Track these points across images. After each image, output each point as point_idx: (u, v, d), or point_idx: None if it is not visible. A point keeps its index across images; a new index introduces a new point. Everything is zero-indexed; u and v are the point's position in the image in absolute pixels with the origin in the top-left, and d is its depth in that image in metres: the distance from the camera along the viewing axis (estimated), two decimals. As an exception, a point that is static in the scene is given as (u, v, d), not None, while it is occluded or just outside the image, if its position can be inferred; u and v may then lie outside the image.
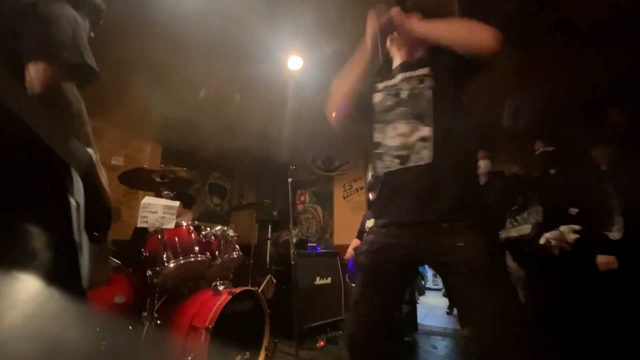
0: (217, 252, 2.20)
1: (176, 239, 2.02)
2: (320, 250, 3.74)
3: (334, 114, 1.25)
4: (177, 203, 1.60)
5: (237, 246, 2.38)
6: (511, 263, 2.01)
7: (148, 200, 1.48)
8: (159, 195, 1.89)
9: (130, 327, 1.81)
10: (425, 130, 1.01)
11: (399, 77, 1.11)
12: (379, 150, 1.11)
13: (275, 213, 4.32)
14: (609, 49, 2.18)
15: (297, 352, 2.28)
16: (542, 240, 1.77)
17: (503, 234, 2.04)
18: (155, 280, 1.83)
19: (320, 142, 4.02)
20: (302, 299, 3.19)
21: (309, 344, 2.92)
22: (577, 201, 1.77)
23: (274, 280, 3.56)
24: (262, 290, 3.29)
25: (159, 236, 1.82)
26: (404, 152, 1.03)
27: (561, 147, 1.99)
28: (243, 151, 4.24)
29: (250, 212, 4.36)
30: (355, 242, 2.91)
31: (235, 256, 2.32)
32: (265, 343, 2.17)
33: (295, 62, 2.41)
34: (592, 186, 1.75)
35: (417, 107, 1.04)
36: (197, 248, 2.06)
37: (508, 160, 2.91)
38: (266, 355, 2.14)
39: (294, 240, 3.85)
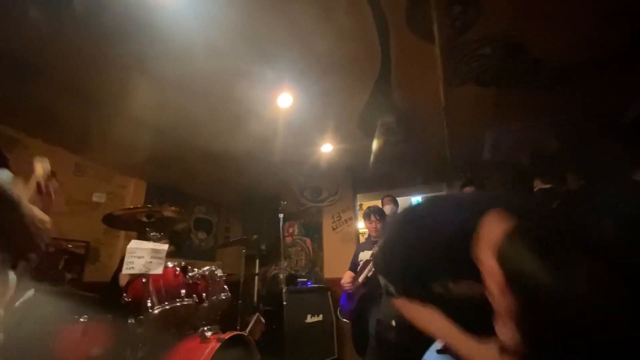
0: (204, 294, 2.09)
1: (161, 281, 1.90)
2: (310, 285, 3.63)
3: None
4: (165, 246, 1.53)
5: (225, 287, 2.28)
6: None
7: (135, 244, 1.41)
8: (142, 236, 1.81)
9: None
10: None
11: None
12: None
13: (263, 247, 4.22)
14: (572, 90, 2.39)
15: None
16: None
17: None
18: (138, 330, 1.70)
19: (308, 173, 4.04)
20: (293, 339, 3.04)
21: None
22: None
23: (262, 320, 3.39)
24: (249, 331, 3.12)
25: (143, 280, 1.72)
26: None
27: (557, 184, 2.07)
28: (229, 184, 4.20)
29: (238, 247, 4.25)
30: (349, 275, 2.83)
31: (224, 297, 2.21)
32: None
33: (285, 100, 2.47)
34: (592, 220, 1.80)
35: None
36: (183, 291, 1.95)
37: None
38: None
39: (283, 276, 3.75)
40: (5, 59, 1.90)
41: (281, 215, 2.54)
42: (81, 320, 1.77)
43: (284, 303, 3.14)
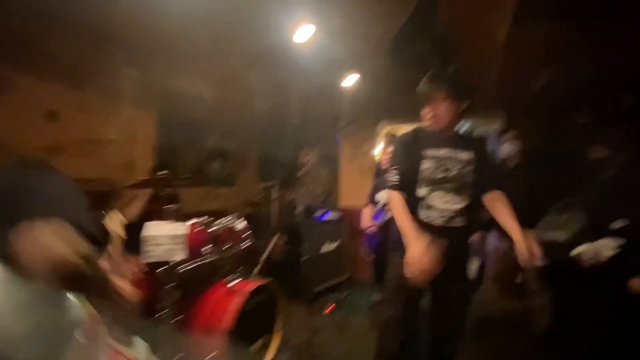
0: (228, 245, 2.18)
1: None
2: (327, 217, 3.77)
3: None
4: (183, 230, 1.49)
5: (246, 235, 2.35)
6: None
7: (150, 231, 1.37)
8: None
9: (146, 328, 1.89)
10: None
11: (445, 151, 1.45)
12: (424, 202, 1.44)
13: (280, 173, 4.25)
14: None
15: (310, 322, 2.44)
16: (574, 252, 1.70)
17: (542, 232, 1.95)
18: (167, 284, 1.84)
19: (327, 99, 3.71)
20: (309, 265, 3.33)
21: (317, 308, 3.13)
22: (626, 214, 1.64)
23: (282, 241, 3.67)
24: (270, 251, 3.42)
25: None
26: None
27: (616, 150, 1.78)
28: (245, 110, 3.95)
29: (254, 172, 4.28)
30: (368, 212, 2.84)
31: (246, 246, 2.31)
32: (279, 326, 2.30)
33: (304, 31, 2.03)
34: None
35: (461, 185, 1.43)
36: (208, 246, 2.02)
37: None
38: (281, 337, 2.30)
39: (301, 207, 3.86)
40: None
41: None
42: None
43: (301, 233, 3.36)
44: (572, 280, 1.82)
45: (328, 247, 3.56)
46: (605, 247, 1.56)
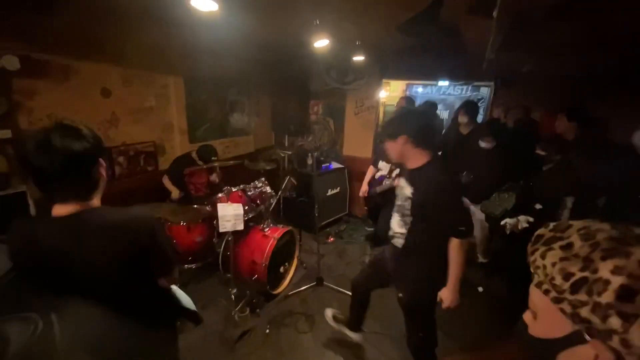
0: (260, 204, 2.94)
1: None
2: (332, 167, 4.45)
3: None
4: (241, 210, 2.19)
5: (272, 195, 3.09)
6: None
7: (222, 212, 2.08)
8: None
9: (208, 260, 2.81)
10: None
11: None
12: None
13: (291, 127, 4.77)
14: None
15: (318, 250, 3.37)
16: (502, 222, 2.48)
17: (484, 206, 2.72)
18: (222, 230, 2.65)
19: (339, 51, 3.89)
20: (317, 206, 4.17)
21: (323, 238, 4.09)
22: (542, 199, 2.35)
23: (293, 181, 4.43)
24: (283, 189, 4.23)
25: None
26: None
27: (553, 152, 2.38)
28: (259, 64, 4.22)
29: (268, 122, 4.79)
30: (371, 171, 3.35)
31: (272, 203, 3.07)
32: (296, 255, 3.25)
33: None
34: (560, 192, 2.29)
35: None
36: (247, 207, 2.78)
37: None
38: (298, 261, 3.26)
39: (310, 161, 4.48)
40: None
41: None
42: (183, 223, 2.73)
43: (312, 182, 4.09)
44: (505, 237, 2.65)
45: (332, 191, 4.36)
46: (522, 221, 2.32)
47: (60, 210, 0.90)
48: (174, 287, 1.22)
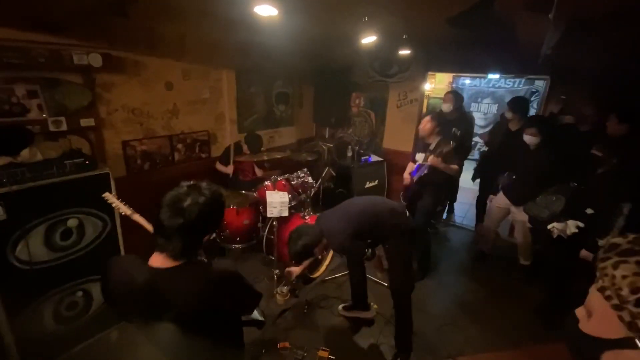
0: (301, 192, 3.11)
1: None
2: (371, 160, 4.50)
3: None
4: (287, 198, 2.37)
5: (312, 185, 3.25)
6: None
7: (270, 198, 2.27)
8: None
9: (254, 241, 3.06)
10: None
11: None
12: None
13: (332, 120, 4.87)
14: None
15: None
16: (549, 226, 2.40)
17: (528, 208, 2.65)
18: (270, 216, 2.87)
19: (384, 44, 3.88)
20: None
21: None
22: (595, 204, 2.24)
23: (332, 172, 4.57)
24: (322, 178, 4.38)
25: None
26: None
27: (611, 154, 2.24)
28: (303, 58, 4.34)
29: (310, 114, 4.93)
30: (410, 167, 3.34)
31: (312, 192, 3.23)
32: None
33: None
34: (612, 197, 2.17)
35: None
36: (290, 195, 2.96)
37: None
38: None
39: (350, 153, 4.57)
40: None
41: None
42: (233, 206, 2.98)
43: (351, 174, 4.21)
44: (550, 241, 2.57)
45: (370, 184, 4.42)
46: (570, 227, 2.23)
47: (158, 260, 1.03)
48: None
